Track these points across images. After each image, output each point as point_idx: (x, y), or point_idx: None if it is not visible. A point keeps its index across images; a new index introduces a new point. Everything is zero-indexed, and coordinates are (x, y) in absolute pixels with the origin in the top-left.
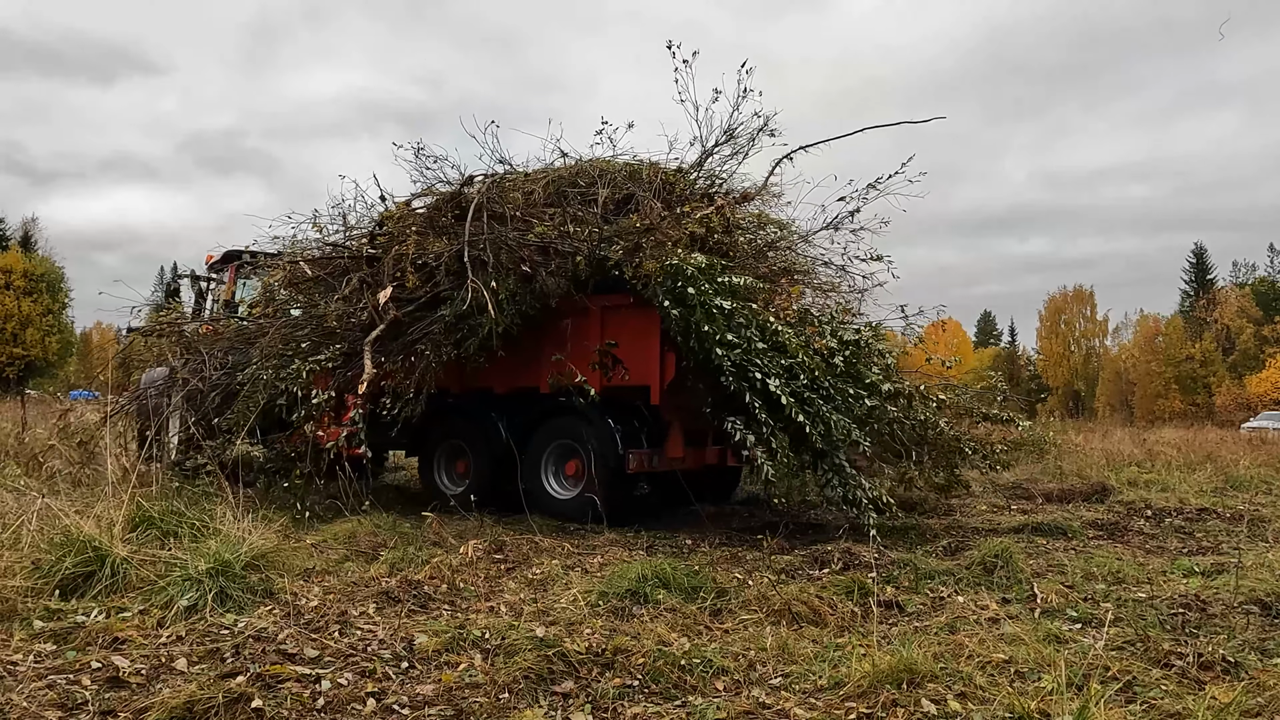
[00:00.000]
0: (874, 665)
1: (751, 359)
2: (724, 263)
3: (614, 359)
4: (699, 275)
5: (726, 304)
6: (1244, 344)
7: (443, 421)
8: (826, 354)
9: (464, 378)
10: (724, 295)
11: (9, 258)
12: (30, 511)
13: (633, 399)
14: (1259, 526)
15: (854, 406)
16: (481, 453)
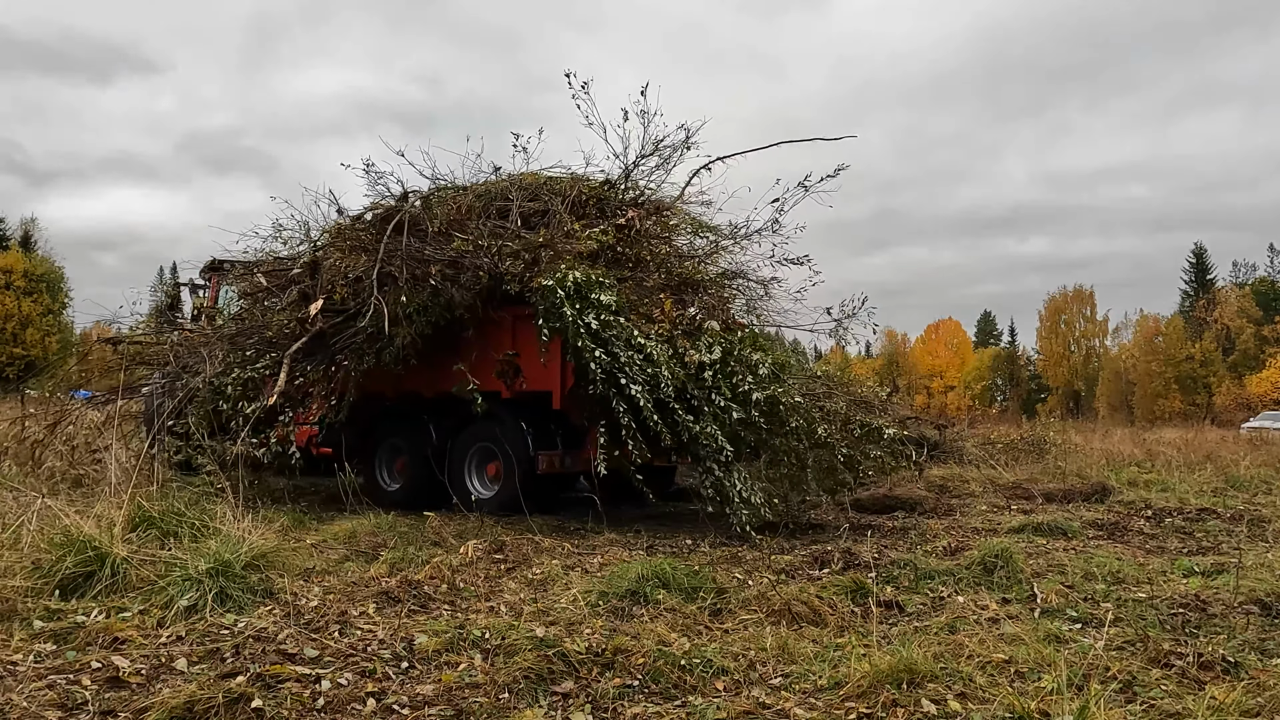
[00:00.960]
0: (874, 665)
1: (620, 369)
2: (604, 278)
3: (515, 368)
4: (571, 292)
5: (593, 321)
6: (1244, 344)
7: (383, 423)
8: (696, 367)
9: (398, 382)
10: (594, 310)
11: (9, 258)
12: (30, 511)
13: (540, 404)
14: (1259, 526)
15: (721, 416)
16: (415, 453)
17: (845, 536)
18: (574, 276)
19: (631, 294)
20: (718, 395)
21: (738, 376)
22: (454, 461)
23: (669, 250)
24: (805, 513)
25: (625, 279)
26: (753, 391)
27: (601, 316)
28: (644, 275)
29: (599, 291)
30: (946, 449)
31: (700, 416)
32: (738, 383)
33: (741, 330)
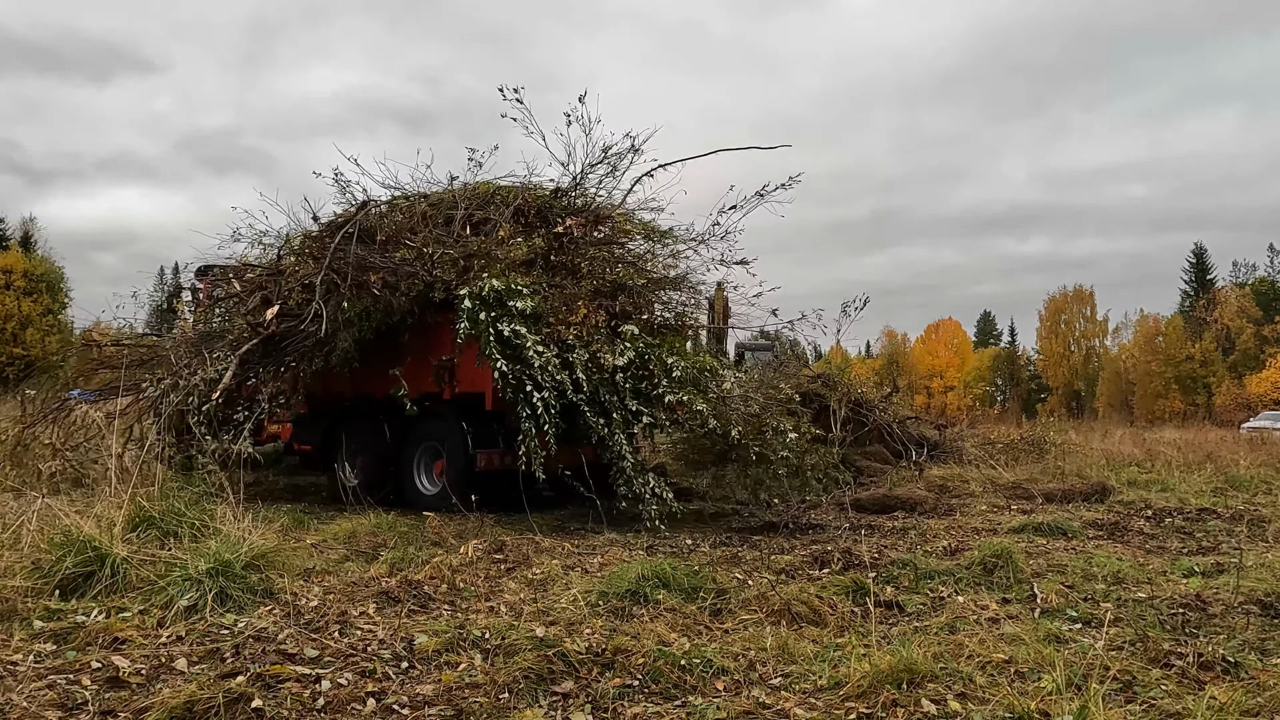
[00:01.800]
0: (874, 665)
1: (528, 375)
2: (524, 286)
3: (451, 371)
4: (489, 300)
5: (505, 328)
6: (1244, 344)
7: (344, 422)
8: (609, 371)
9: (355, 385)
10: (509, 318)
11: (9, 258)
12: (30, 511)
13: (478, 405)
14: (1259, 526)
15: (631, 420)
16: (372, 450)
17: (845, 536)
18: (491, 285)
19: (556, 300)
20: (630, 399)
21: (654, 379)
22: (405, 459)
23: (605, 256)
24: (805, 513)
25: (555, 285)
26: (665, 394)
27: (513, 325)
28: (575, 282)
29: (516, 299)
30: (946, 449)
31: (610, 419)
32: (650, 386)
33: (667, 334)
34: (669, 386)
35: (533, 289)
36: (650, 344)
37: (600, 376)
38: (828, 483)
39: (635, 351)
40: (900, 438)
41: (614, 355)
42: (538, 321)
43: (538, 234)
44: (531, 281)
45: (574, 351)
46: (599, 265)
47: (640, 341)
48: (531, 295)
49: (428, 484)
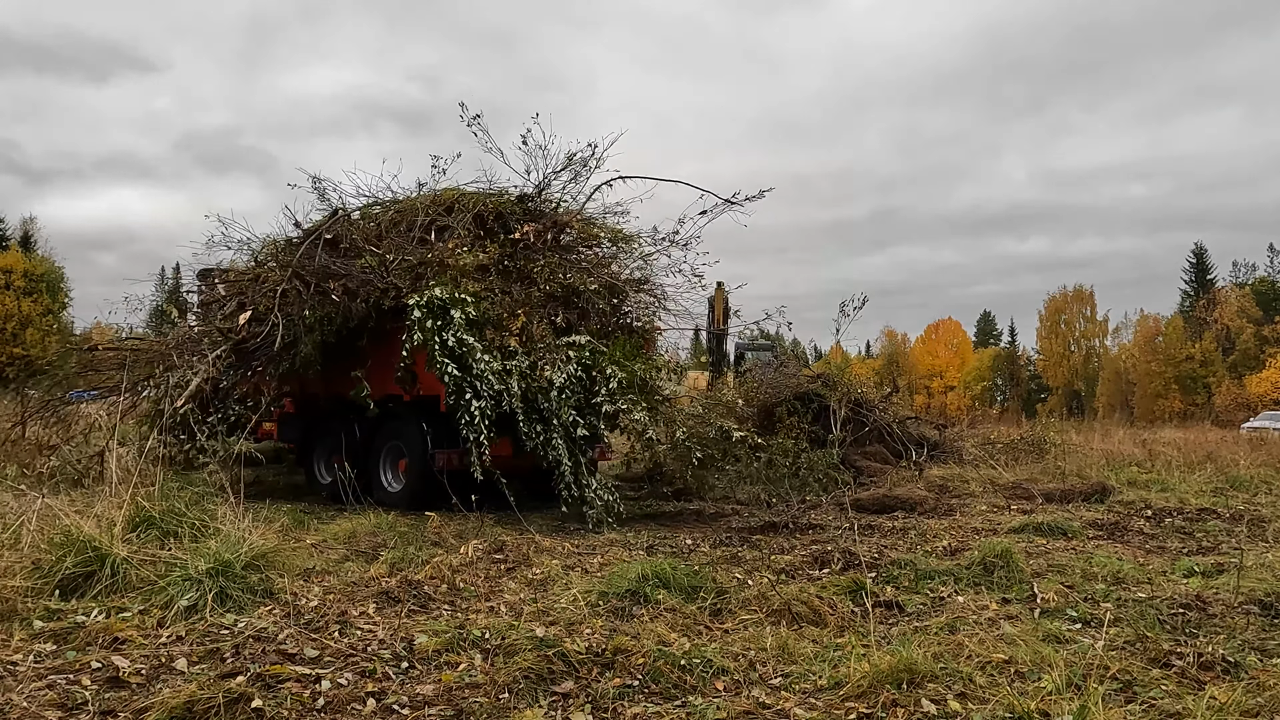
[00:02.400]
0: (874, 665)
1: (469, 382)
2: (469, 294)
3: (413, 374)
4: (436, 308)
5: (450, 337)
6: (1244, 344)
7: (319, 422)
8: (545, 383)
9: (327, 386)
10: (453, 327)
11: (9, 258)
12: (30, 511)
13: (434, 408)
14: (1259, 526)
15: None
16: (343, 449)
17: (845, 536)
18: (434, 294)
19: (500, 308)
20: (567, 409)
21: (593, 389)
22: (372, 458)
23: (560, 261)
24: (805, 513)
25: (506, 292)
26: (604, 404)
27: (458, 333)
28: (527, 288)
29: (458, 307)
30: (946, 449)
31: (549, 427)
32: (588, 395)
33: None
34: (606, 396)
35: (479, 296)
36: (597, 351)
37: (538, 386)
38: (827, 482)
39: (578, 362)
40: (900, 438)
41: (553, 368)
42: (480, 329)
43: (494, 241)
44: (483, 288)
45: (515, 359)
46: (553, 271)
47: (586, 350)
48: (476, 303)
49: (393, 482)
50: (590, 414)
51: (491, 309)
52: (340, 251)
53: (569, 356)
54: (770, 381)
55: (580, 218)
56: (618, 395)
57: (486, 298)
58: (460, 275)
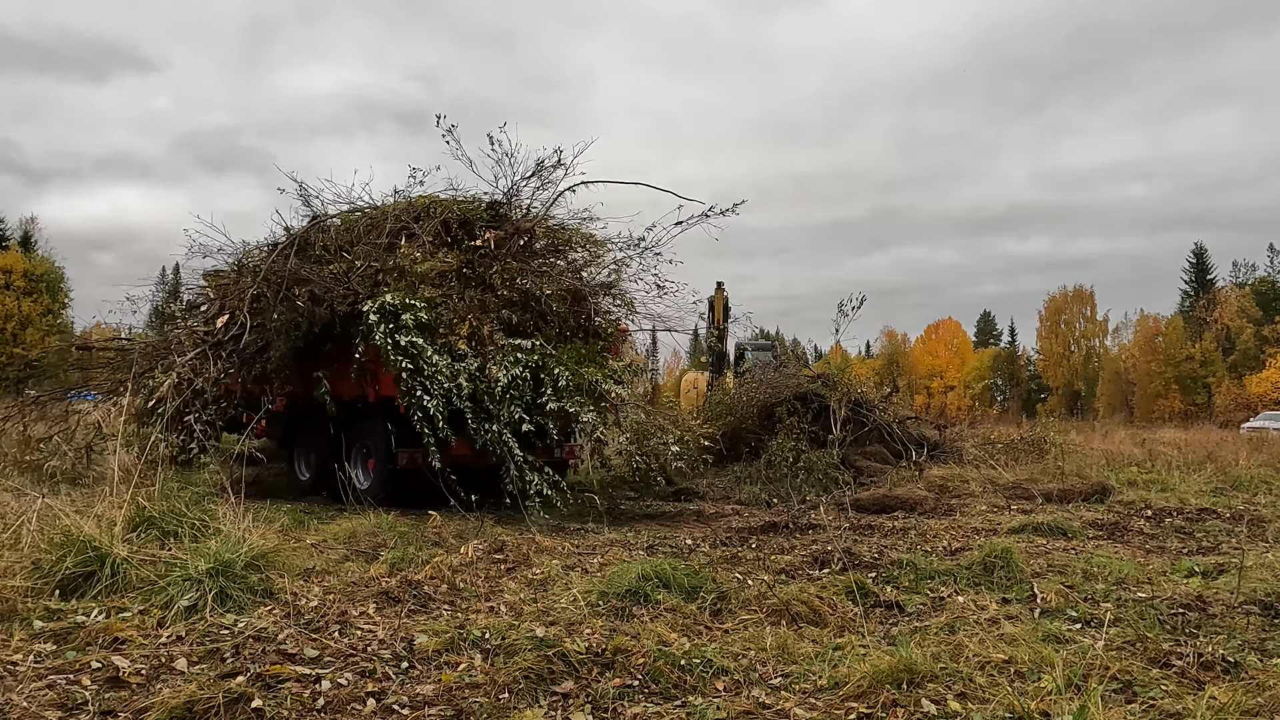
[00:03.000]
0: (874, 665)
1: (420, 382)
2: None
3: (375, 376)
4: (388, 313)
5: (403, 339)
6: (1244, 344)
7: (299, 421)
8: (493, 381)
9: (306, 385)
10: (405, 331)
11: (9, 258)
12: (30, 511)
13: (397, 408)
14: (1259, 526)
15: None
16: (320, 448)
17: (845, 536)
18: (387, 300)
19: (458, 313)
20: (513, 407)
21: (543, 387)
22: (344, 456)
23: (519, 268)
24: (805, 513)
25: (463, 297)
26: (549, 403)
27: (410, 336)
28: (483, 293)
29: (409, 313)
30: (946, 449)
31: (497, 423)
32: (536, 395)
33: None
34: (552, 396)
35: (432, 302)
36: (546, 354)
37: (485, 386)
38: (827, 482)
39: (525, 363)
40: (900, 438)
41: (500, 368)
42: (431, 333)
43: (458, 248)
44: (440, 294)
45: (464, 361)
46: (510, 277)
47: (536, 353)
48: (428, 308)
49: (362, 479)
50: (538, 413)
51: (445, 313)
52: (313, 258)
53: (516, 358)
54: (770, 381)
55: (544, 224)
56: (563, 395)
57: (441, 303)
58: (418, 281)
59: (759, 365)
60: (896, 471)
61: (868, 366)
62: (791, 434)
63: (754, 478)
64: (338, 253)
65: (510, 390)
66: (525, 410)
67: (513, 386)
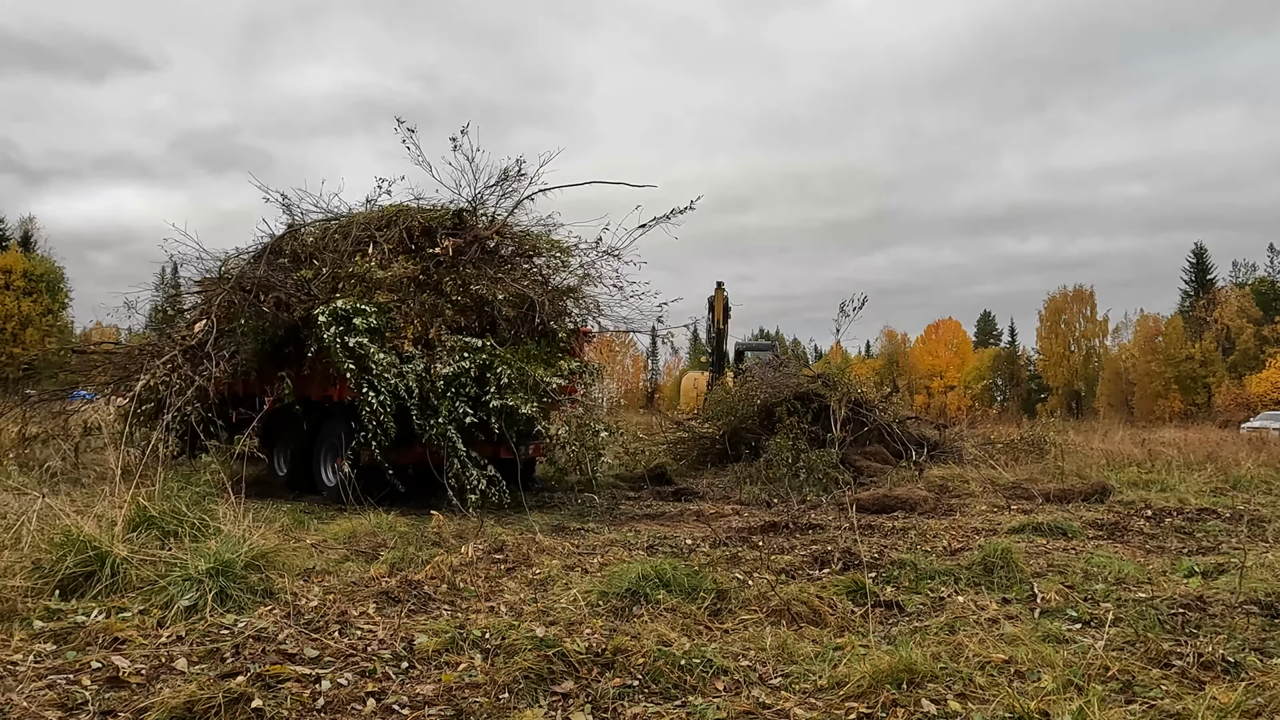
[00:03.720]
0: (874, 665)
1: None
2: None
3: (338, 376)
4: (340, 317)
5: (352, 341)
6: (1244, 344)
7: (277, 420)
8: (437, 379)
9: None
10: (354, 333)
11: (9, 258)
12: (30, 511)
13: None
14: (1259, 526)
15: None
16: (294, 445)
17: (845, 536)
18: (339, 305)
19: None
20: (457, 403)
21: (486, 385)
22: (314, 453)
23: (474, 274)
24: (805, 513)
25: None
26: (492, 400)
27: (358, 338)
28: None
29: (359, 317)
30: (946, 449)
31: (440, 418)
32: (480, 392)
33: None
34: (495, 393)
35: (384, 307)
36: (494, 353)
37: (429, 385)
38: (827, 482)
39: (471, 361)
40: (900, 438)
41: (445, 365)
42: (379, 335)
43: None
44: (394, 299)
45: (411, 362)
46: (464, 282)
47: (483, 352)
48: (379, 313)
49: (329, 475)
50: (482, 410)
51: (396, 318)
52: (284, 265)
53: (463, 356)
54: (770, 381)
55: (508, 231)
56: (505, 392)
57: (394, 307)
58: (373, 287)
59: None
60: (896, 471)
61: (868, 366)
62: (791, 434)
63: (754, 478)
64: (309, 260)
65: (453, 385)
66: (471, 406)
67: (455, 382)
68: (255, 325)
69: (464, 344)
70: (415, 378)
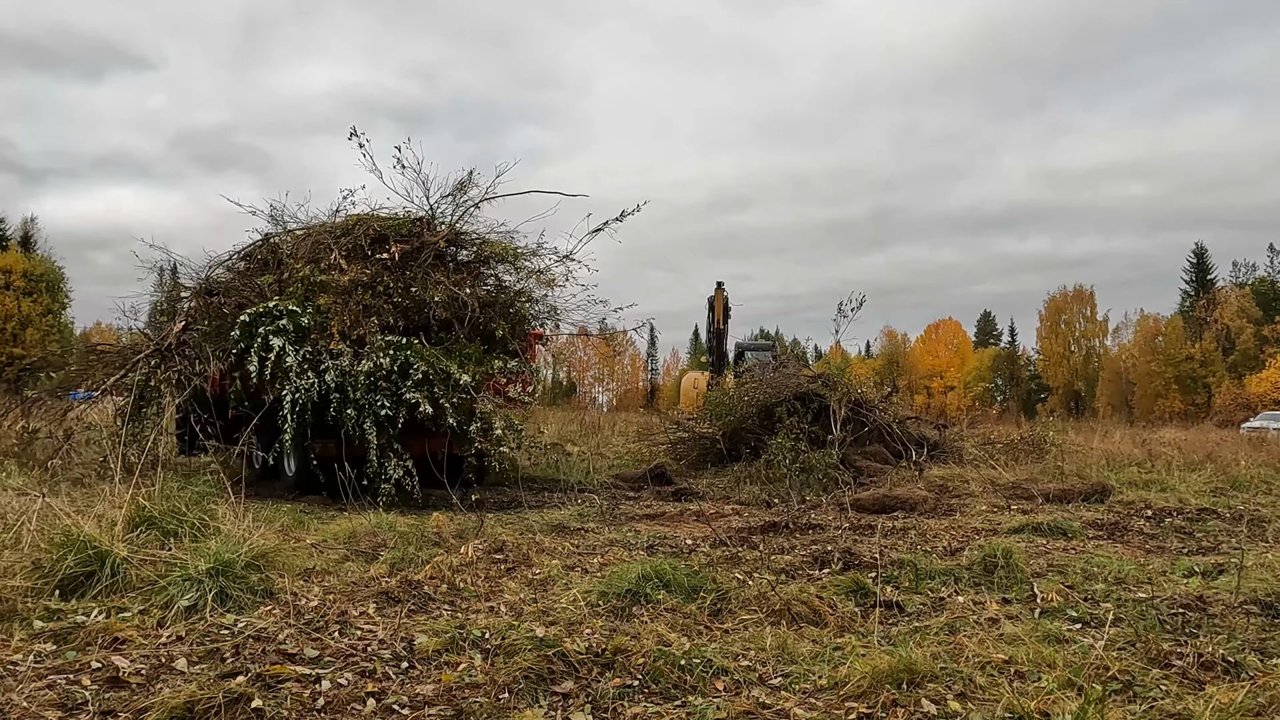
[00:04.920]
0: (874, 665)
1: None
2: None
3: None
4: (257, 318)
5: (276, 341)
6: (1244, 344)
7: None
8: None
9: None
10: (278, 334)
11: (9, 258)
12: (30, 511)
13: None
14: (1259, 526)
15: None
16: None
17: (845, 536)
18: (270, 306)
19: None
20: (370, 395)
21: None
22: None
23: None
24: (805, 513)
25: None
26: (405, 394)
27: (278, 338)
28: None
29: (289, 318)
30: (946, 449)
31: (362, 413)
32: (396, 387)
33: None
34: (408, 387)
35: (320, 308)
36: (414, 351)
37: (348, 380)
38: (827, 482)
39: (389, 357)
40: (900, 438)
41: (366, 360)
42: (305, 336)
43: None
44: (333, 300)
45: (340, 359)
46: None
47: (405, 350)
48: (315, 313)
49: (290, 468)
50: (400, 405)
51: (333, 318)
52: (250, 271)
53: (384, 352)
54: (770, 381)
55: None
56: (421, 386)
57: (331, 308)
58: (318, 290)
59: (759, 365)
60: (896, 471)
61: (868, 366)
62: (791, 434)
63: (754, 478)
64: (276, 266)
65: (369, 379)
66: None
67: (370, 375)
68: (216, 327)
69: (388, 341)
70: (338, 373)
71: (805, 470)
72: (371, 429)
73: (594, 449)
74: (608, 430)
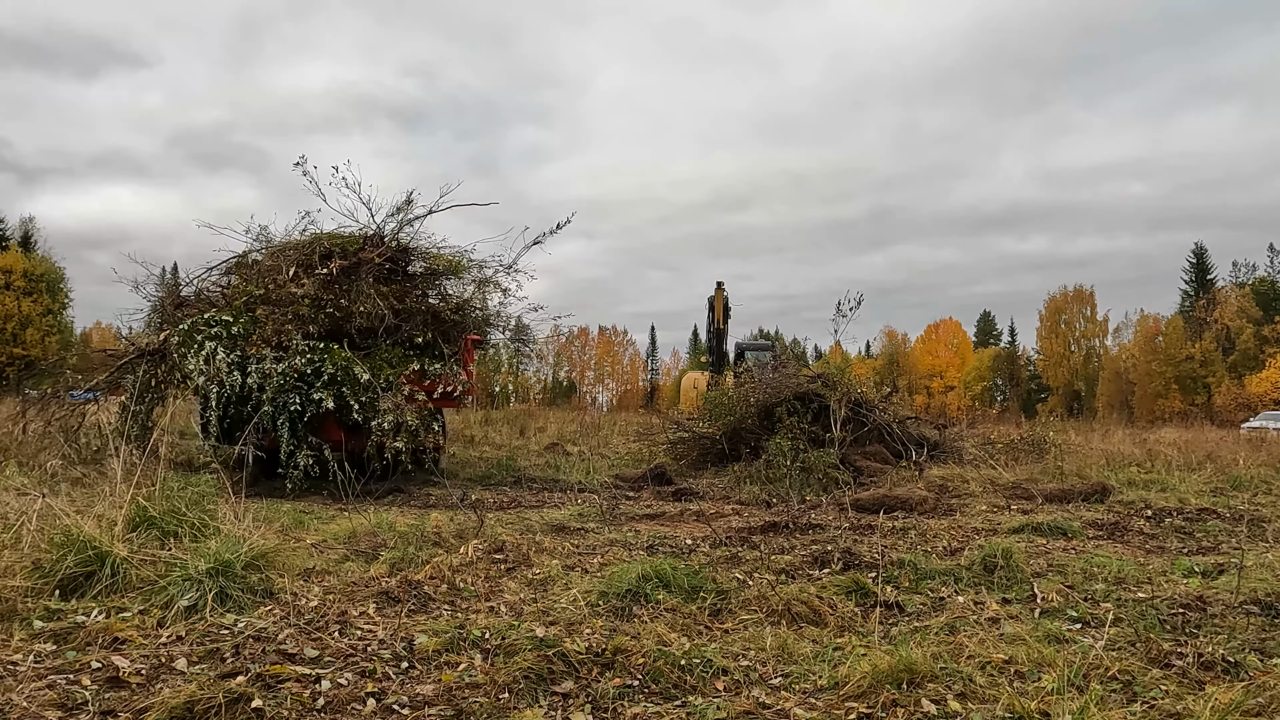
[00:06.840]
0: (874, 665)
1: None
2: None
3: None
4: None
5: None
6: (1244, 344)
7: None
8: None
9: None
10: (213, 339)
11: (9, 258)
12: (31, 511)
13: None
14: (1259, 526)
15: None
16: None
17: (845, 536)
18: (200, 318)
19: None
20: (289, 394)
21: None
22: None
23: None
24: (805, 513)
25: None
26: (314, 393)
27: (212, 343)
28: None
29: (223, 326)
30: (946, 449)
31: (278, 409)
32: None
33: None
34: (318, 387)
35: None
36: (326, 354)
37: (267, 380)
38: (827, 482)
39: (303, 359)
40: (900, 438)
41: (282, 364)
42: (236, 342)
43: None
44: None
45: (263, 362)
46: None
47: (319, 353)
48: (248, 322)
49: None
50: (309, 402)
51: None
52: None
53: (299, 355)
54: (770, 381)
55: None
56: (329, 386)
57: (267, 318)
58: (257, 302)
59: (759, 365)
60: (896, 471)
61: (868, 366)
62: (791, 434)
63: (754, 478)
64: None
65: (283, 379)
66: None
67: (283, 376)
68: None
69: (308, 346)
70: (260, 374)
71: (805, 470)
72: (284, 423)
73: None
74: (607, 430)
